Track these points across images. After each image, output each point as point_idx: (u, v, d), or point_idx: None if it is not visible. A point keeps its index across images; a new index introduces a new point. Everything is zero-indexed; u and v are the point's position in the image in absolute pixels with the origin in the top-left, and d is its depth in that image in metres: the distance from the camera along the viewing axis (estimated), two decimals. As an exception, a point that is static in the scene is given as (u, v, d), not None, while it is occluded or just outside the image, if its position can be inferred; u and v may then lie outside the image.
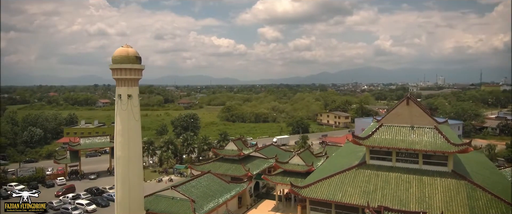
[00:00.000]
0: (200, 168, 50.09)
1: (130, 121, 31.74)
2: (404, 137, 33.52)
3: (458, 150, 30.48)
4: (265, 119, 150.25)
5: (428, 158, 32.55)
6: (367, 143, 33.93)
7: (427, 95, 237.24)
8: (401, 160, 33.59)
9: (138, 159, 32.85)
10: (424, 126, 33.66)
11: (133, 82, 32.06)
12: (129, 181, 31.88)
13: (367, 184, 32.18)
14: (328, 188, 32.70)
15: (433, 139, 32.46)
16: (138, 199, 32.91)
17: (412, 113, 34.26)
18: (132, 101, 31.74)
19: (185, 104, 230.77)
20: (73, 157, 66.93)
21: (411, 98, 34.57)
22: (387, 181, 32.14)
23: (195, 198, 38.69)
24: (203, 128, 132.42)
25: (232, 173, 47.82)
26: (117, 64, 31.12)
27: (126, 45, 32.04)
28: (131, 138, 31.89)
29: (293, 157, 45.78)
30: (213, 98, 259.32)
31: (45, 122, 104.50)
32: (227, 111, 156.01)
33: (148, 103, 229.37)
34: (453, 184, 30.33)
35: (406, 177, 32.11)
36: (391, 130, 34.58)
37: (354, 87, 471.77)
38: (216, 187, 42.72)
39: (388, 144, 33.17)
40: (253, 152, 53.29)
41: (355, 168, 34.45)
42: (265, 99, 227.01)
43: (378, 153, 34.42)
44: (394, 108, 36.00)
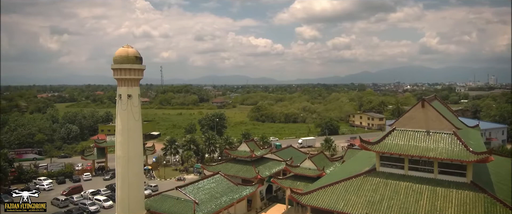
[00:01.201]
0: (212, 168, 49.73)
1: (130, 121, 31.92)
2: (418, 142, 30.48)
3: (476, 159, 27.05)
4: (295, 119, 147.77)
5: (444, 167, 29.29)
6: (376, 149, 31.31)
7: (475, 96, 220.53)
8: (414, 168, 30.58)
9: (138, 158, 32.99)
10: (441, 131, 30.37)
11: (134, 82, 32.21)
12: (128, 180, 32.11)
13: (373, 193, 29.65)
14: (331, 196, 30.60)
15: (450, 145, 29.16)
16: (138, 198, 33.07)
17: (427, 116, 31.11)
18: (132, 101, 31.89)
19: (218, 104, 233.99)
20: (99, 153, 69.81)
21: (426, 101, 31.38)
22: (396, 191, 29.39)
23: (200, 199, 38.29)
24: (232, 127, 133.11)
25: (243, 174, 46.90)
26: (117, 65, 31.43)
27: (127, 45, 32.26)
28: (131, 137, 32.07)
29: (304, 160, 43.90)
30: (246, 98, 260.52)
31: (83, 119, 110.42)
32: (257, 110, 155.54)
33: (183, 102, 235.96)
34: (470, 197, 26.98)
35: (418, 187, 29.15)
36: (404, 135, 31.64)
37: (395, 87, 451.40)
38: (223, 189, 42.05)
39: (399, 150, 30.34)
40: (267, 153, 51.99)
41: (363, 175, 31.96)
42: (299, 99, 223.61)
43: (389, 160, 31.64)
44: (408, 111, 32.98)
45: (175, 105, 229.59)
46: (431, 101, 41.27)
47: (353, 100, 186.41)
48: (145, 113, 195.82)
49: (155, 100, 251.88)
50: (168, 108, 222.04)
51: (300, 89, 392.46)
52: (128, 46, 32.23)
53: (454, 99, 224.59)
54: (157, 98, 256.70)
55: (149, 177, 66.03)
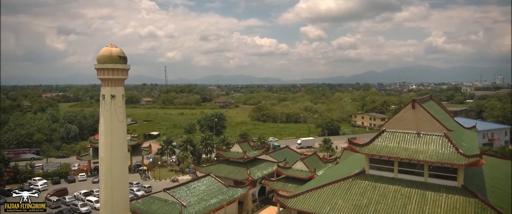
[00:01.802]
0: (204, 169, 49.10)
1: (113, 122, 31.37)
2: (408, 145, 29.50)
3: (467, 163, 26.01)
4: (297, 120, 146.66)
5: (434, 170, 28.30)
6: (365, 151, 30.38)
7: (481, 96, 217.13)
8: (404, 171, 29.61)
9: (121, 160, 32.42)
10: (432, 133, 29.34)
11: (117, 83, 31.66)
12: (111, 182, 31.56)
13: (361, 197, 28.75)
14: (318, 200, 29.73)
15: (441, 148, 28.14)
16: (122, 200, 32.51)
17: (418, 117, 30.07)
18: (115, 102, 31.34)
19: (221, 103, 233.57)
20: (95, 154, 69.24)
21: (417, 102, 30.33)
22: (384, 194, 28.45)
23: (187, 201, 37.65)
24: (233, 127, 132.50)
25: (234, 176, 46.19)
26: (100, 64, 30.90)
27: (111, 45, 31.71)
28: (114, 138, 31.51)
29: (296, 162, 43.04)
30: (249, 98, 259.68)
31: (82, 119, 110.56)
32: (258, 110, 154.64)
33: (186, 102, 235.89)
34: (460, 201, 25.97)
35: (407, 191, 28.19)
36: (394, 137, 30.67)
37: (401, 87, 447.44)
38: (213, 191, 41.35)
39: (389, 152, 29.38)
40: (260, 154, 51.20)
41: (352, 178, 31.06)
42: (301, 99, 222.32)
43: (378, 162, 30.71)
44: (398, 112, 31.97)
45: (178, 105, 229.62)
46: (425, 102, 40.24)
47: (356, 100, 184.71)
48: (147, 113, 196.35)
49: (158, 100, 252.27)
50: (171, 108, 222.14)
51: (304, 89, 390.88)
52: (112, 45, 31.68)
53: (460, 99, 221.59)
54: (160, 98, 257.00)
55: (144, 177, 65.63)
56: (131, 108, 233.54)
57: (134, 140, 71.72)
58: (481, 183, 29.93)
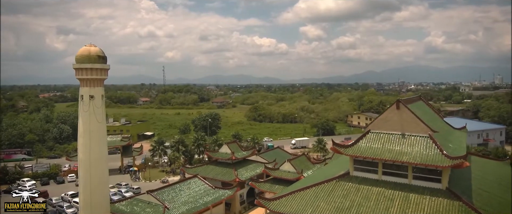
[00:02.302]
0: (191, 170, 48.47)
1: (92, 123, 30.69)
2: (392, 146, 28.81)
3: (451, 164, 25.35)
4: (293, 119, 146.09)
5: (419, 172, 27.61)
6: (349, 152, 29.69)
7: (479, 95, 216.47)
8: (389, 173, 28.93)
9: (101, 162, 31.72)
10: (417, 134, 28.67)
11: (96, 83, 30.98)
12: (90, 184, 30.90)
13: (343, 199, 28.07)
14: (300, 202, 29.06)
15: (425, 149, 27.46)
16: (101, 203, 31.85)
17: (403, 118, 29.38)
18: (94, 103, 30.66)
19: (218, 103, 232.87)
20: (85, 154, 68.84)
21: (402, 102, 29.65)
22: (367, 197, 27.78)
23: (172, 203, 37.07)
24: (229, 127, 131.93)
25: (222, 177, 45.57)
26: (78, 64, 30.24)
27: (90, 44, 31.06)
28: (93, 140, 30.83)
29: (284, 163, 42.41)
30: (247, 98, 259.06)
31: (76, 119, 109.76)
32: (254, 110, 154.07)
33: (183, 102, 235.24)
34: (444, 205, 25.31)
35: (391, 193, 27.51)
36: (379, 138, 29.98)
37: (399, 86, 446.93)
38: (199, 192, 40.75)
39: (372, 154, 28.70)
40: (250, 155, 50.54)
41: (336, 180, 30.39)
42: (299, 99, 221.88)
43: (363, 164, 30.02)
44: (383, 113, 31.31)
45: (175, 105, 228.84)
46: (414, 102, 39.63)
47: (353, 100, 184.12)
48: (144, 113, 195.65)
49: (155, 100, 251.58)
50: (168, 108, 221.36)
51: (303, 89, 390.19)
52: (91, 45, 31.02)
53: (458, 99, 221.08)
54: (157, 98, 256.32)
55: (134, 178, 65.01)
56: (128, 108, 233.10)
57: (124, 140, 71.10)
58: (468, 185, 29.27)
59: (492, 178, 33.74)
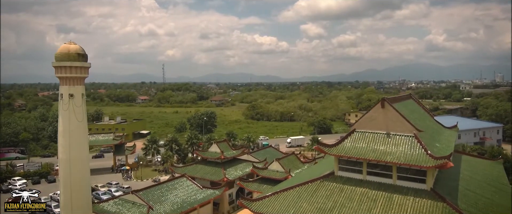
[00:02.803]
0: (180, 170, 47.95)
1: (72, 122, 30.12)
2: (377, 145, 28.14)
3: (435, 165, 24.71)
4: (291, 118, 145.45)
5: (403, 172, 26.98)
6: (333, 152, 29.04)
7: (479, 94, 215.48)
8: (373, 173, 28.29)
9: (81, 162, 31.17)
10: (402, 133, 28.01)
11: (76, 81, 30.40)
12: (71, 185, 30.37)
13: (326, 200, 27.48)
14: (283, 203, 28.47)
15: (410, 149, 26.80)
16: (82, 204, 31.31)
17: (388, 117, 28.70)
18: (74, 101, 30.10)
19: (217, 102, 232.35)
20: (77, 153, 68.45)
21: (386, 101, 28.97)
22: (350, 197, 27.17)
23: (157, 203, 36.57)
24: (226, 125, 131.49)
25: (211, 177, 45.04)
26: (57, 62, 29.67)
27: (70, 41, 30.48)
28: (73, 139, 30.27)
29: (272, 162, 41.84)
30: (246, 96, 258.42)
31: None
32: (252, 109, 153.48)
33: (182, 100, 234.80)
34: (427, 206, 24.69)
35: (374, 194, 26.89)
36: (364, 137, 29.31)
37: (400, 85, 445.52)
38: (185, 192, 40.24)
39: (356, 153, 28.06)
40: (239, 154, 49.97)
41: (320, 180, 29.77)
42: (299, 97, 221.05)
43: (347, 164, 29.38)
44: (368, 111, 30.64)
45: (174, 103, 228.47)
46: (404, 100, 39.02)
47: (351, 98, 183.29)
48: (142, 111, 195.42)
49: (154, 99, 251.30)
50: (166, 106, 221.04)
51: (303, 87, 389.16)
52: (71, 42, 30.44)
53: (457, 97, 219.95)
54: (156, 97, 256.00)
55: (126, 177, 64.57)
56: (126, 106, 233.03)
57: (117, 139, 70.64)
58: (454, 186, 28.64)
59: (481, 178, 33.10)
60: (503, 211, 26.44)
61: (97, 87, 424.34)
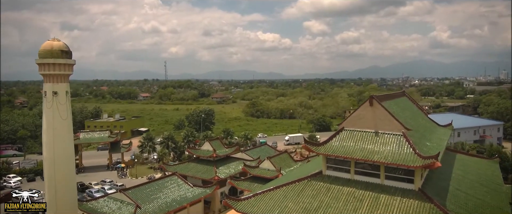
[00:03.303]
0: (172, 168, 47.55)
1: (55, 120, 29.78)
2: (365, 144, 27.50)
3: (423, 164, 24.05)
4: (291, 115, 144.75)
5: (391, 172, 26.34)
6: (321, 150, 28.45)
7: (482, 91, 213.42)
8: (361, 173, 27.68)
9: (66, 160, 30.85)
10: (390, 132, 27.34)
11: (60, 79, 30.01)
12: (55, 183, 30.08)
13: (312, 200, 26.91)
14: (268, 202, 27.93)
15: (398, 148, 26.14)
16: (68, 202, 31.03)
17: (376, 115, 28.02)
18: (58, 99, 29.73)
19: (218, 99, 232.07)
20: (73, 150, 68.37)
21: (375, 98, 28.27)
22: (336, 197, 26.59)
23: (146, 202, 36.17)
24: (225, 123, 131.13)
25: (202, 175, 44.60)
26: (41, 59, 29.25)
27: (53, 38, 30.04)
28: (57, 137, 29.94)
29: (263, 161, 41.32)
30: (247, 93, 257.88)
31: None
32: (252, 106, 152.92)
33: (183, 97, 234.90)
34: (414, 206, 24.04)
35: (361, 194, 26.28)
36: (352, 136, 28.67)
37: (403, 82, 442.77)
38: (176, 191, 39.81)
39: (344, 152, 27.43)
40: (232, 152, 49.46)
41: (308, 179, 29.19)
42: (300, 94, 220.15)
43: (335, 163, 28.77)
44: (356, 109, 29.96)
45: (175, 100, 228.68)
46: (396, 97, 38.29)
47: (353, 95, 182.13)
48: (143, 108, 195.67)
49: (156, 96, 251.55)
50: (168, 103, 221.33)
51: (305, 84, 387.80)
52: (55, 39, 30.02)
53: (460, 94, 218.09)
54: (157, 94, 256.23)
55: (121, 175, 64.35)
56: (128, 103, 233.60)
57: (112, 137, 70.38)
58: (445, 186, 27.97)
59: (474, 178, 32.34)
60: (493, 212, 25.81)
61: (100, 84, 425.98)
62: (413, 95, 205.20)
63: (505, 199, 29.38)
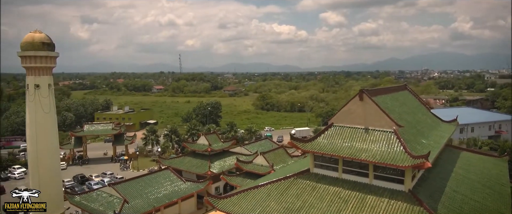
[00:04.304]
0: (167, 162, 47.01)
1: (38, 113, 29.37)
2: (354, 142, 25.80)
3: (412, 164, 22.23)
4: (301, 108, 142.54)
5: (380, 171, 24.63)
6: (307, 147, 26.94)
7: (503, 84, 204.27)
8: (349, 171, 26.06)
9: (49, 154, 30.47)
10: (381, 128, 25.51)
11: (42, 71, 29.48)
12: (39, 177, 29.77)
13: (295, 199, 25.54)
14: (251, 201, 26.73)
15: (388, 146, 24.34)
16: (52, 197, 30.69)
17: (366, 111, 26.19)
18: (40, 92, 29.23)
19: (230, 92, 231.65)
20: (77, 142, 69.10)
21: (365, 92, 26.40)
22: (321, 197, 25.11)
23: (135, 197, 35.71)
24: (235, 116, 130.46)
25: (196, 170, 43.86)
26: (22, 52, 28.75)
27: (35, 30, 29.43)
28: (40, 131, 29.55)
29: (257, 156, 40.08)
30: (260, 86, 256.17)
31: (80, 107, 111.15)
32: (262, 99, 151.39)
33: (195, 90, 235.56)
34: (402, 209, 22.32)
35: (347, 194, 24.71)
36: (341, 132, 26.99)
37: (422, 74, 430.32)
38: (167, 185, 39.20)
39: (331, 150, 25.84)
40: (229, 147, 48.48)
41: (294, 177, 27.78)
42: (313, 87, 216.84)
43: (323, 160, 27.24)
44: (346, 104, 28.17)
45: (188, 93, 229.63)
46: (399, 90, 36.33)
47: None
48: (156, 101, 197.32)
49: (169, 88, 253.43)
50: (180, 96, 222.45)
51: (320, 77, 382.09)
52: (37, 31, 29.42)
53: (480, 88, 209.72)
54: (170, 86, 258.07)
55: (123, 168, 64.55)
56: (142, 95, 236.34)
57: (115, 129, 70.63)
58: (441, 187, 26.02)
59: (476, 178, 30.13)
60: (489, 216, 23.81)
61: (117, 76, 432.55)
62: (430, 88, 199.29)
63: (508, 202, 27.18)
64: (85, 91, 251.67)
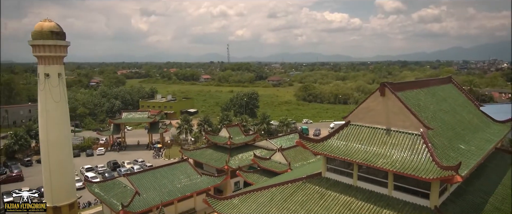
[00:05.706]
0: (189, 153, 46.05)
1: (48, 103, 29.42)
2: (371, 144, 21.97)
3: (439, 177, 17.97)
4: (346, 100, 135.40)
5: (403, 182, 20.59)
6: (317, 149, 23.62)
7: None
8: (366, 179, 22.31)
9: (61, 143, 30.58)
10: (405, 130, 21.30)
11: (52, 60, 29.35)
12: (49, 166, 30.03)
13: (299, 208, 22.48)
14: (251, 205, 24.19)
15: (412, 152, 20.17)
16: (63, 185, 30.99)
17: (389, 108, 22.06)
18: (50, 81, 29.19)
19: (274, 82, 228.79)
20: (115, 129, 71.58)
21: (387, 86, 22.16)
22: (328, 208, 21.75)
23: (148, 188, 35.08)
24: (275, 107, 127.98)
25: (215, 163, 42.31)
26: (33, 41, 28.80)
27: (45, 19, 29.26)
28: (50, 120, 29.65)
29: (275, 153, 37.28)
30: (305, 76, 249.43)
31: (127, 94, 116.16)
32: (304, 90, 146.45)
33: (240, 80, 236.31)
34: (422, 231, 18.33)
35: (359, 206, 21.08)
36: (358, 133, 23.20)
37: (489, 65, 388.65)
38: (182, 178, 38.10)
39: (344, 153, 22.25)
40: (250, 140, 46.16)
41: (303, 181, 24.69)
42: (363, 78, 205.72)
43: (337, 164, 23.76)
44: (365, 100, 24.08)
45: (232, 82, 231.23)
46: (443, 84, 31.14)
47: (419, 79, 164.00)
48: (201, 90, 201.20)
49: (215, 78, 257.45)
50: (225, 85, 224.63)
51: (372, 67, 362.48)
52: (46, 20, 29.26)
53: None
54: (217, 76, 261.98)
55: (155, 155, 65.54)
56: (190, 84, 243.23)
57: (151, 117, 71.91)
58: (479, 203, 21.27)
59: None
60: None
61: (170, 66, 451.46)
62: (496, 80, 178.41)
63: None
64: (140, 79, 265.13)
